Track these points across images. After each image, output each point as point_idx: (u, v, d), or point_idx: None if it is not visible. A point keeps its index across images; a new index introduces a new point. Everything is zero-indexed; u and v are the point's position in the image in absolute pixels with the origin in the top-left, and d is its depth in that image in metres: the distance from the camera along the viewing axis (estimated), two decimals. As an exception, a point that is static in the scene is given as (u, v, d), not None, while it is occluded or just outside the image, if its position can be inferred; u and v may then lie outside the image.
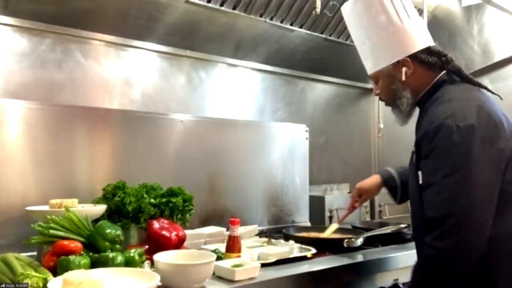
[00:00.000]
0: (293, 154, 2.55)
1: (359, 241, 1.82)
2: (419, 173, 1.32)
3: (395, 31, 1.43)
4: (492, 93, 1.45)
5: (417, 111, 1.51)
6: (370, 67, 1.52)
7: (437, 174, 1.25)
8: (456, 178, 1.22)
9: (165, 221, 1.60)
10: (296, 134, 2.59)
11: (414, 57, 1.43)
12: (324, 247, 1.81)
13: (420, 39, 1.45)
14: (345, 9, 1.55)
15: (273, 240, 1.85)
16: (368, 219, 2.67)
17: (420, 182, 1.32)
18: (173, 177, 2.00)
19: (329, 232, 1.98)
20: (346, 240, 1.79)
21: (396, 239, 1.98)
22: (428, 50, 1.44)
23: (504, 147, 1.27)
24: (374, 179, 1.86)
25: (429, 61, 1.42)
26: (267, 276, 1.42)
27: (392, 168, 1.85)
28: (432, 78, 1.43)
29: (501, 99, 1.46)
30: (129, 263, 1.34)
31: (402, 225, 1.98)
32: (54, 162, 1.76)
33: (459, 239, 1.21)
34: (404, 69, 1.42)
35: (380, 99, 1.57)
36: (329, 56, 2.84)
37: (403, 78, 1.43)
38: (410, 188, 1.49)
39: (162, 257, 1.33)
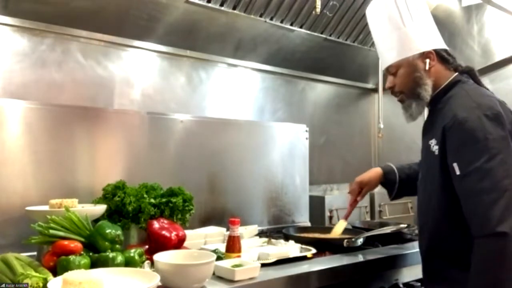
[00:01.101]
0: (293, 154, 2.55)
1: (359, 241, 1.82)
2: (455, 164, 1.32)
3: (424, 23, 1.51)
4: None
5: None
6: (394, 57, 1.53)
7: (478, 161, 1.27)
8: (497, 161, 1.26)
9: (165, 221, 1.60)
10: (296, 134, 2.59)
11: (437, 52, 1.50)
12: (324, 247, 1.81)
13: (441, 38, 1.54)
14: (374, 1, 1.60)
15: (273, 240, 1.84)
16: (368, 219, 2.67)
17: (458, 173, 1.31)
18: (173, 177, 2.00)
19: (339, 231, 1.95)
20: (346, 240, 1.79)
21: (396, 239, 1.98)
22: (446, 51, 1.52)
23: None
24: (374, 171, 1.90)
25: (448, 59, 1.51)
26: (267, 276, 1.42)
27: (393, 164, 1.88)
28: (448, 76, 1.50)
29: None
30: (129, 263, 1.34)
31: (402, 225, 1.98)
32: (54, 162, 1.76)
33: None
34: (428, 60, 1.48)
35: (392, 92, 1.58)
36: (329, 56, 2.84)
37: (427, 67, 1.48)
38: (424, 182, 1.51)
39: (162, 257, 1.33)
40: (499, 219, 1.21)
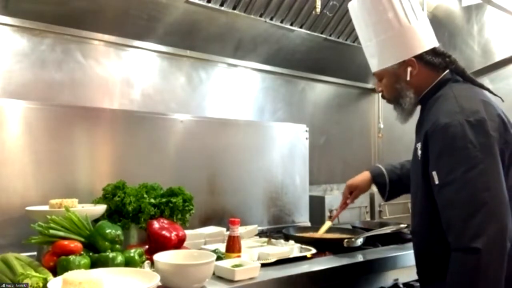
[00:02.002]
0: (293, 154, 2.55)
1: (359, 241, 1.82)
2: (434, 173, 1.28)
3: (402, 30, 1.44)
4: (494, 94, 1.47)
5: (417, 109, 1.53)
6: (375, 65, 1.52)
7: (457, 171, 1.23)
8: (477, 171, 1.21)
9: (165, 221, 1.60)
10: (296, 134, 2.59)
11: (419, 57, 1.44)
12: (324, 247, 1.81)
13: (426, 40, 1.46)
14: (353, 5, 1.55)
15: (273, 240, 1.84)
16: (368, 219, 2.67)
17: (436, 182, 1.28)
18: (173, 177, 2.00)
19: (322, 231, 1.97)
20: (346, 240, 1.79)
21: (396, 239, 1.98)
22: (433, 51, 1.45)
23: (510, 140, 1.30)
24: (364, 176, 1.88)
25: (434, 62, 1.44)
26: (267, 276, 1.42)
27: (382, 166, 1.86)
28: (435, 77, 1.45)
29: (503, 101, 1.47)
30: (129, 263, 1.34)
31: (402, 225, 1.98)
32: (54, 162, 1.76)
33: (499, 226, 1.18)
34: (409, 69, 1.43)
35: (382, 96, 1.57)
36: (329, 56, 2.84)
37: (408, 78, 1.43)
38: (413, 185, 1.48)
39: (162, 257, 1.33)
40: (474, 234, 1.18)
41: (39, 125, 1.74)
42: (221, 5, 2.17)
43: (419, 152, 1.38)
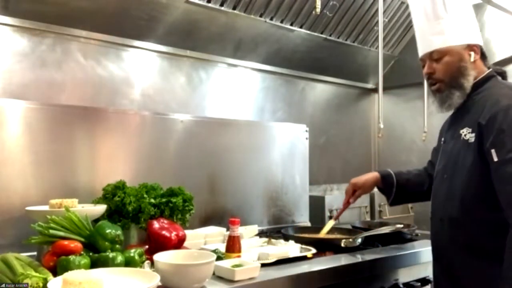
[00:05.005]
0: (293, 154, 2.55)
1: (358, 241, 1.82)
2: (492, 151, 1.31)
3: (468, 16, 1.53)
4: None
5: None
6: (442, 42, 1.51)
7: None
8: None
9: (165, 221, 1.60)
10: (296, 134, 2.59)
11: (479, 47, 1.52)
12: (324, 247, 1.81)
13: (480, 35, 1.55)
14: None
15: (273, 240, 1.85)
16: (368, 219, 2.67)
17: (495, 159, 1.30)
18: (173, 177, 2.00)
19: (326, 231, 1.98)
20: (344, 240, 1.79)
21: (396, 239, 1.98)
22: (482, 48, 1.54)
23: None
24: (370, 175, 1.89)
25: (486, 56, 1.53)
26: (267, 276, 1.42)
27: (391, 170, 1.87)
28: (485, 71, 1.51)
29: None
30: (129, 263, 1.34)
31: (400, 225, 1.98)
32: (54, 162, 1.76)
33: None
34: (472, 53, 1.49)
35: (431, 79, 1.54)
36: (329, 56, 2.84)
37: (472, 59, 1.49)
38: (456, 172, 1.46)
39: (162, 257, 1.33)
40: None
41: (39, 125, 1.74)
42: (221, 5, 2.17)
43: (468, 135, 1.41)
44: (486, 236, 1.37)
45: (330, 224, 2.00)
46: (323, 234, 1.96)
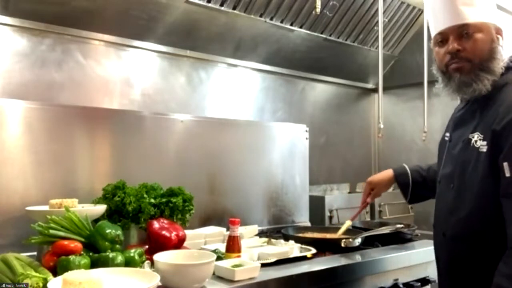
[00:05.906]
0: (293, 154, 2.55)
1: (357, 241, 1.82)
2: (505, 164, 1.17)
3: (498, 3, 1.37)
4: None
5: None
6: (478, 15, 1.30)
7: None
8: None
9: (165, 221, 1.60)
10: (296, 134, 2.59)
11: (502, 33, 1.34)
12: (324, 247, 1.81)
13: None
14: None
15: (273, 240, 1.85)
16: (368, 219, 2.67)
17: (508, 174, 1.17)
18: (173, 177, 2.00)
19: (342, 231, 1.94)
20: (344, 240, 1.79)
21: (396, 239, 1.98)
22: None
23: None
24: (386, 173, 1.83)
25: (503, 46, 1.34)
26: (267, 276, 1.42)
27: (407, 166, 1.80)
28: (503, 60, 1.32)
29: None
30: (129, 263, 1.34)
31: (401, 225, 1.98)
32: (54, 162, 1.76)
33: None
34: (500, 37, 1.32)
35: (458, 58, 1.31)
36: (329, 56, 2.84)
37: (501, 43, 1.31)
38: (468, 182, 1.29)
39: (162, 257, 1.33)
40: None
41: (39, 125, 1.74)
42: (221, 5, 2.17)
43: (479, 143, 1.26)
44: (492, 255, 1.22)
45: (347, 224, 1.97)
46: (339, 234, 1.94)
